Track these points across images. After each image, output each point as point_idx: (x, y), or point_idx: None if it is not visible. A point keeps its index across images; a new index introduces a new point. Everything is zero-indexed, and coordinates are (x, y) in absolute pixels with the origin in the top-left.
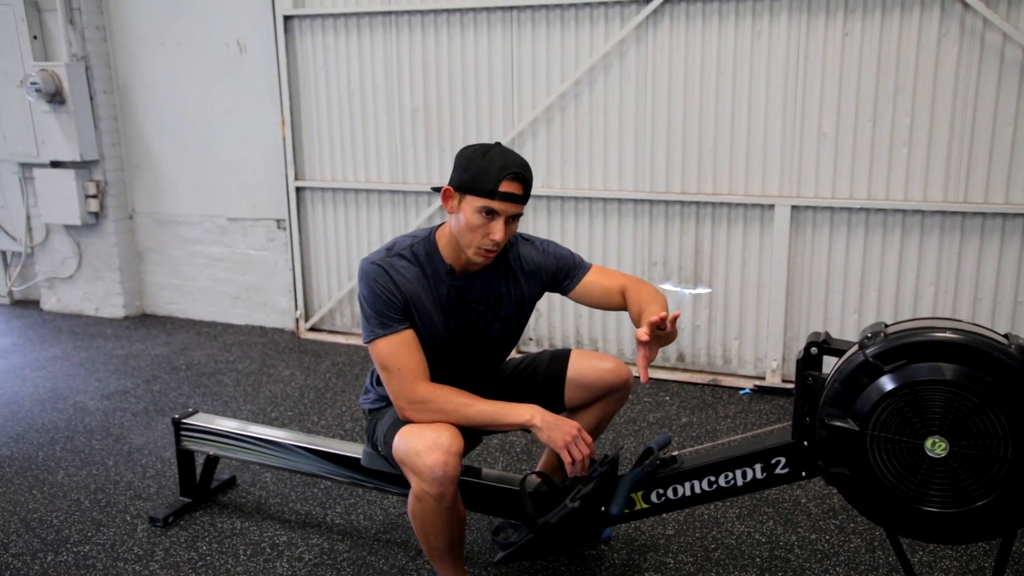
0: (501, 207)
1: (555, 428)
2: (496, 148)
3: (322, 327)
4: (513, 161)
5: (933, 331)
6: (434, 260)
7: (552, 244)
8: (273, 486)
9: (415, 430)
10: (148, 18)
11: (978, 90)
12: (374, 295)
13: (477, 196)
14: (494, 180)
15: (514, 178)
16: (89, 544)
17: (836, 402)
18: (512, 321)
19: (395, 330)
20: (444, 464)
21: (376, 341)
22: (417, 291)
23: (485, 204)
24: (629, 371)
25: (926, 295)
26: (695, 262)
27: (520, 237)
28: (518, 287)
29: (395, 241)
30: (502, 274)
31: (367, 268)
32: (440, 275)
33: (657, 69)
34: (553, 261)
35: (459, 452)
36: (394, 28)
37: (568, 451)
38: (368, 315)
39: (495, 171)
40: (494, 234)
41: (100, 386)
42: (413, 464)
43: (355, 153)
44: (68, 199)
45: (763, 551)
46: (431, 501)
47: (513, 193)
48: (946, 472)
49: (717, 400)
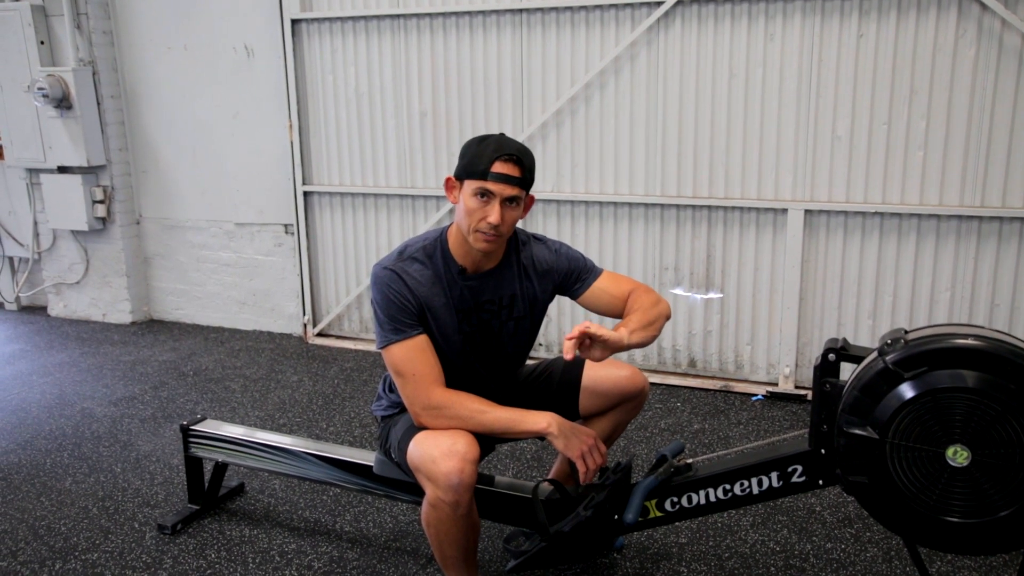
0: (495, 187)
1: (572, 436)
2: (495, 135)
3: (330, 332)
4: (509, 144)
5: (954, 338)
6: (447, 261)
7: (565, 246)
8: (282, 493)
9: (430, 436)
10: (155, 22)
11: (996, 92)
12: (387, 300)
13: (472, 179)
14: (487, 161)
15: (507, 159)
16: (97, 552)
17: (855, 410)
18: (527, 321)
19: (409, 335)
20: (460, 471)
21: (390, 347)
22: (431, 294)
23: (480, 186)
24: (645, 379)
25: (942, 301)
26: (707, 267)
27: (533, 237)
28: (531, 286)
29: (407, 244)
30: (515, 273)
31: (380, 273)
32: (453, 276)
33: (668, 72)
34: (565, 263)
35: (475, 459)
36: (402, 31)
37: (584, 460)
38: (382, 321)
39: (489, 153)
40: (490, 216)
41: (107, 392)
42: (429, 471)
43: (363, 157)
44: (75, 204)
45: (778, 560)
46: (446, 509)
47: (507, 174)
48: (968, 481)
49: (729, 406)
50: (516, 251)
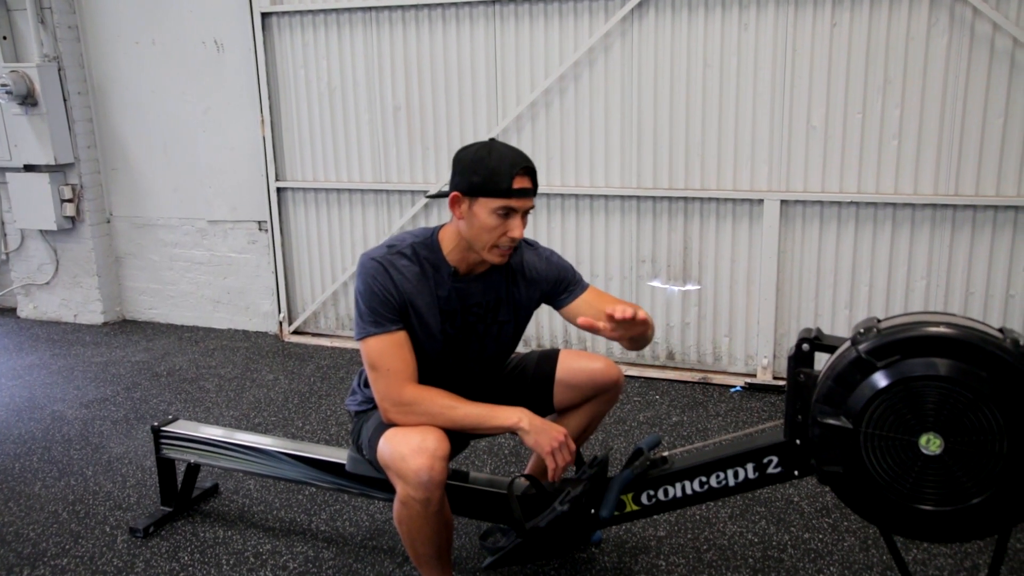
0: (518, 204)
1: (542, 433)
2: (498, 146)
3: (306, 330)
4: (520, 156)
5: (927, 326)
6: (437, 261)
7: (555, 255)
8: (256, 493)
9: (400, 434)
10: (122, 17)
11: (968, 81)
12: (371, 292)
13: (492, 197)
14: (507, 178)
15: (525, 172)
16: (67, 557)
17: (828, 399)
18: (510, 326)
19: (388, 330)
20: (430, 468)
21: (368, 339)
22: (415, 291)
23: (503, 204)
24: (620, 371)
25: (917, 289)
26: (684, 259)
27: (524, 242)
28: (519, 292)
29: (395, 238)
30: (504, 278)
31: (367, 264)
32: (442, 276)
33: (642, 63)
34: (555, 272)
35: (445, 456)
36: (374, 24)
37: (553, 456)
38: (362, 311)
39: (506, 169)
40: (513, 231)
41: (78, 394)
42: (398, 468)
43: (337, 152)
44: (43, 204)
45: (756, 551)
46: (417, 506)
47: (527, 188)
48: (941, 469)
49: (708, 398)
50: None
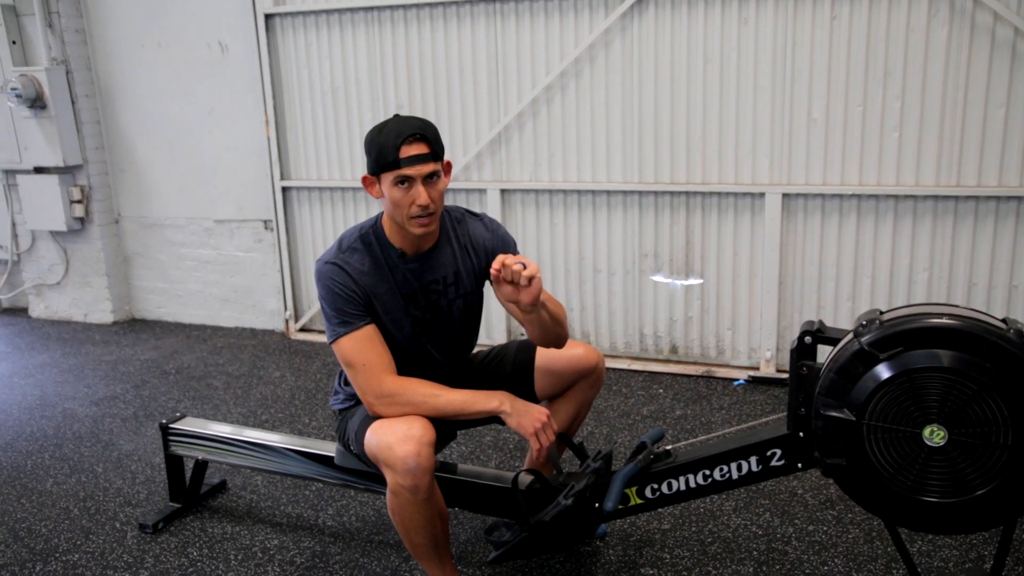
0: (411, 171)
1: (524, 414)
2: (391, 120)
3: (312, 327)
4: (408, 124)
5: (930, 317)
6: (384, 247)
7: (502, 227)
8: (264, 489)
9: (386, 424)
10: (128, 20)
11: (969, 71)
12: (332, 294)
13: (387, 171)
14: (393, 149)
15: (412, 140)
16: (78, 553)
17: (831, 392)
18: (473, 296)
19: (357, 326)
20: (417, 455)
21: (339, 340)
22: (374, 282)
23: (396, 175)
24: (599, 355)
25: (920, 281)
26: (686, 253)
27: (468, 212)
28: (472, 261)
29: (343, 237)
30: (454, 250)
31: (322, 269)
32: (394, 261)
33: (643, 58)
34: (500, 242)
35: (431, 442)
36: (376, 23)
37: (536, 437)
38: (329, 315)
39: (392, 141)
40: (418, 199)
41: (89, 392)
42: (386, 458)
43: (340, 151)
44: (53, 205)
45: (760, 544)
46: (406, 494)
47: (417, 154)
48: (945, 461)
49: (711, 392)
50: (452, 228)
